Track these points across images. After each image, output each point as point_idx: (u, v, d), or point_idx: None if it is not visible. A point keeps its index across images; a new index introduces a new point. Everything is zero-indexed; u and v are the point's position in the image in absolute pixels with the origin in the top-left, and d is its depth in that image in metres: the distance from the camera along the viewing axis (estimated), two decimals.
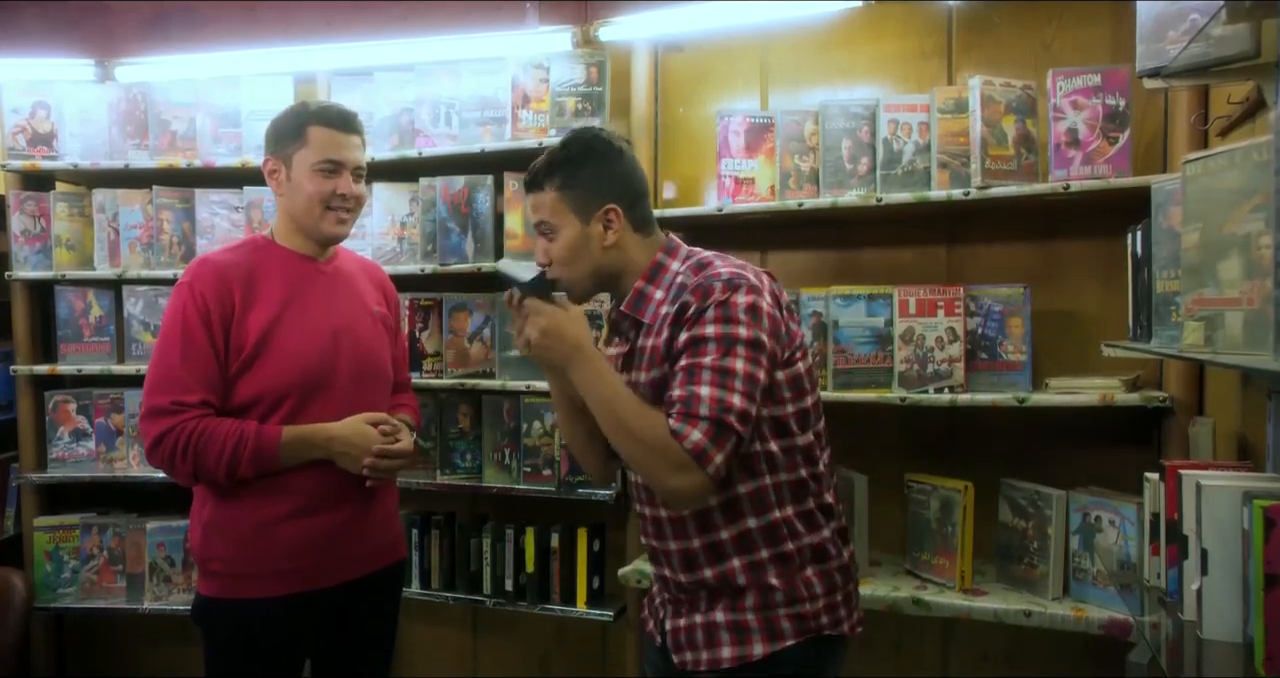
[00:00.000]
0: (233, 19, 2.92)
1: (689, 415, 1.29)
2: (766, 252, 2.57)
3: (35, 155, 2.79)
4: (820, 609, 1.44)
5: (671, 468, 1.29)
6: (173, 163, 2.74)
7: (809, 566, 1.44)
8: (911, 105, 2.20)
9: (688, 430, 1.28)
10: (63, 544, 2.82)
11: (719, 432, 1.28)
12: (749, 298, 1.35)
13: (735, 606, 1.43)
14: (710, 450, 1.28)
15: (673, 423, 1.29)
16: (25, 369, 2.80)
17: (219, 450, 1.68)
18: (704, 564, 1.45)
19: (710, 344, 1.32)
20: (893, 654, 2.45)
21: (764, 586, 1.42)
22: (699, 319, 1.34)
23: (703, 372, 1.31)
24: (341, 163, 1.81)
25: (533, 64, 2.53)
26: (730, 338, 1.32)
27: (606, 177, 1.47)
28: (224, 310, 1.74)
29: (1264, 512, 1.17)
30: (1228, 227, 1.23)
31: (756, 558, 1.42)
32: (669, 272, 1.47)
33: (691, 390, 1.30)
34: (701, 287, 1.37)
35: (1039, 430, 2.25)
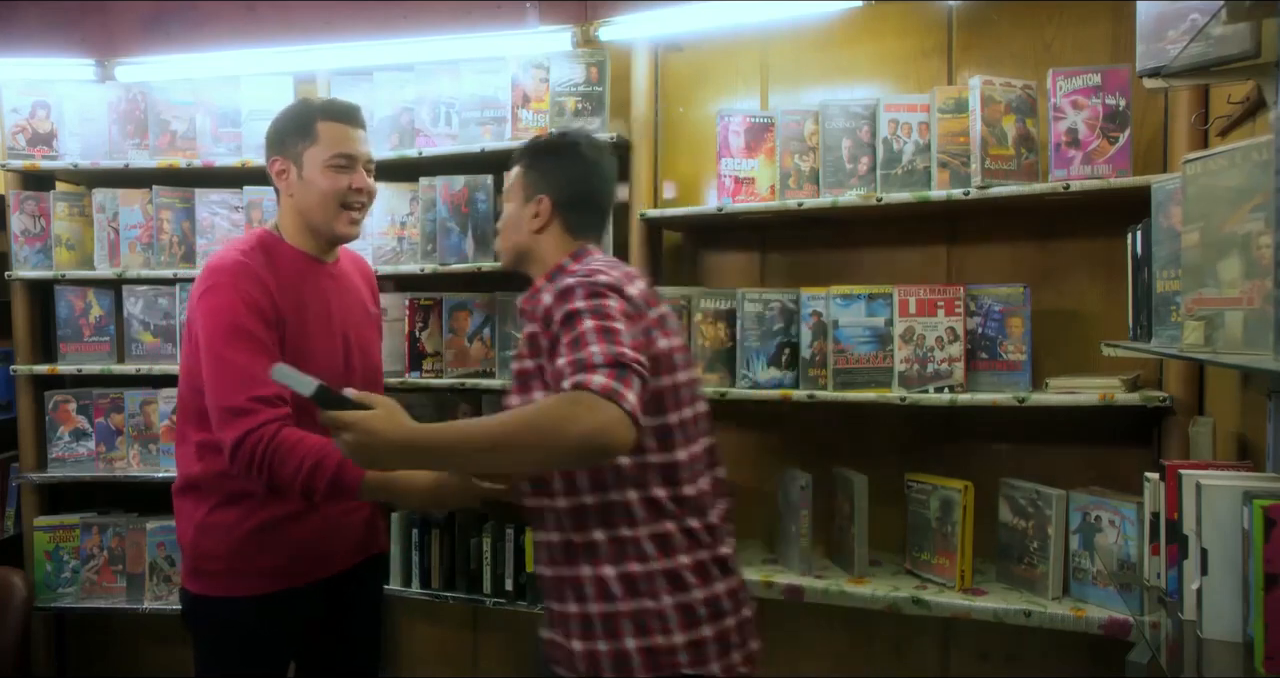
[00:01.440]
0: (233, 19, 2.92)
1: (585, 368, 1.25)
2: (766, 252, 2.57)
3: (35, 155, 2.79)
4: (678, 645, 1.36)
5: (585, 411, 1.20)
6: (173, 163, 2.74)
7: (663, 594, 1.37)
8: (911, 105, 2.20)
9: (588, 378, 1.23)
10: (63, 544, 2.82)
11: (620, 371, 1.24)
12: (609, 278, 1.40)
13: (587, 633, 1.39)
14: (619, 388, 1.22)
15: (568, 384, 1.24)
16: (25, 369, 2.80)
17: (294, 470, 1.57)
18: (561, 562, 1.43)
19: (584, 315, 1.32)
20: (893, 654, 2.45)
21: (610, 612, 1.38)
22: (566, 299, 1.35)
23: (586, 335, 1.29)
24: (355, 156, 1.78)
25: (533, 64, 2.53)
26: (601, 307, 1.33)
27: (557, 173, 1.58)
28: (267, 309, 1.68)
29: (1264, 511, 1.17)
30: (1228, 226, 1.24)
31: (601, 573, 1.38)
32: (566, 272, 1.51)
33: (579, 354, 1.27)
34: (558, 284, 1.42)
35: (1039, 430, 2.26)
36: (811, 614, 2.41)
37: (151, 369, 2.74)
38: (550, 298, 1.38)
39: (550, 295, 1.39)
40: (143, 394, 2.78)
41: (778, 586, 2.23)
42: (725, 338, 2.34)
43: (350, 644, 1.92)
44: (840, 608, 2.22)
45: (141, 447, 2.78)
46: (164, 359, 2.77)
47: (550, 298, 1.38)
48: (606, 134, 2.44)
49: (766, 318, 2.28)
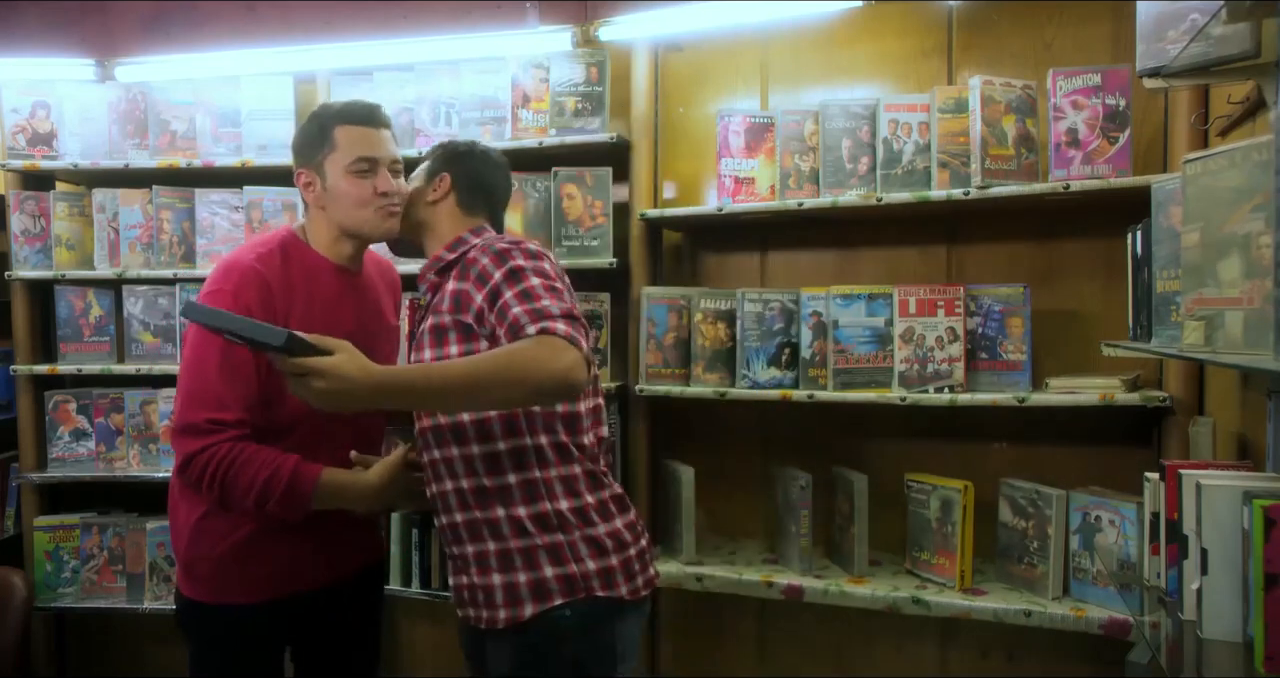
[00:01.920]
0: (233, 19, 2.92)
1: (543, 317, 1.39)
2: (766, 251, 2.57)
3: (35, 155, 2.79)
4: (590, 572, 1.51)
5: (553, 353, 1.35)
6: (173, 163, 2.74)
7: (573, 529, 1.52)
8: (911, 105, 2.20)
9: (551, 325, 1.38)
10: (63, 544, 2.82)
11: (573, 322, 1.41)
12: (535, 247, 1.56)
13: (505, 566, 1.52)
14: (577, 337, 1.38)
15: (530, 329, 1.38)
16: (25, 369, 2.80)
17: (249, 482, 1.56)
18: (474, 506, 1.54)
19: (528, 273, 1.47)
20: (893, 654, 2.45)
21: (526, 546, 1.51)
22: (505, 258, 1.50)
23: (535, 290, 1.44)
24: (376, 159, 1.70)
25: (533, 64, 2.53)
26: (541, 268, 1.49)
27: (458, 160, 1.74)
28: (269, 312, 1.62)
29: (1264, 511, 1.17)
30: (1228, 226, 1.24)
31: (515, 513, 1.51)
32: (466, 244, 1.63)
33: (534, 305, 1.41)
34: (488, 246, 1.54)
35: (1039, 430, 2.26)
36: (811, 614, 2.41)
37: (151, 369, 2.74)
38: (487, 259, 1.51)
39: (486, 257, 1.51)
40: (143, 394, 2.78)
41: (778, 585, 2.23)
42: (725, 338, 2.34)
43: (347, 653, 1.91)
44: (840, 608, 2.22)
45: (141, 447, 2.78)
46: (164, 359, 2.76)
47: (487, 259, 1.51)
48: (606, 134, 2.44)
49: (766, 318, 2.28)
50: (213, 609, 1.73)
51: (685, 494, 2.37)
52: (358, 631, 1.92)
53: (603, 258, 2.44)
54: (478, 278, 1.51)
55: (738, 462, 2.59)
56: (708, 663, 2.62)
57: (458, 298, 1.53)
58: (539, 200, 2.53)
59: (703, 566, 2.33)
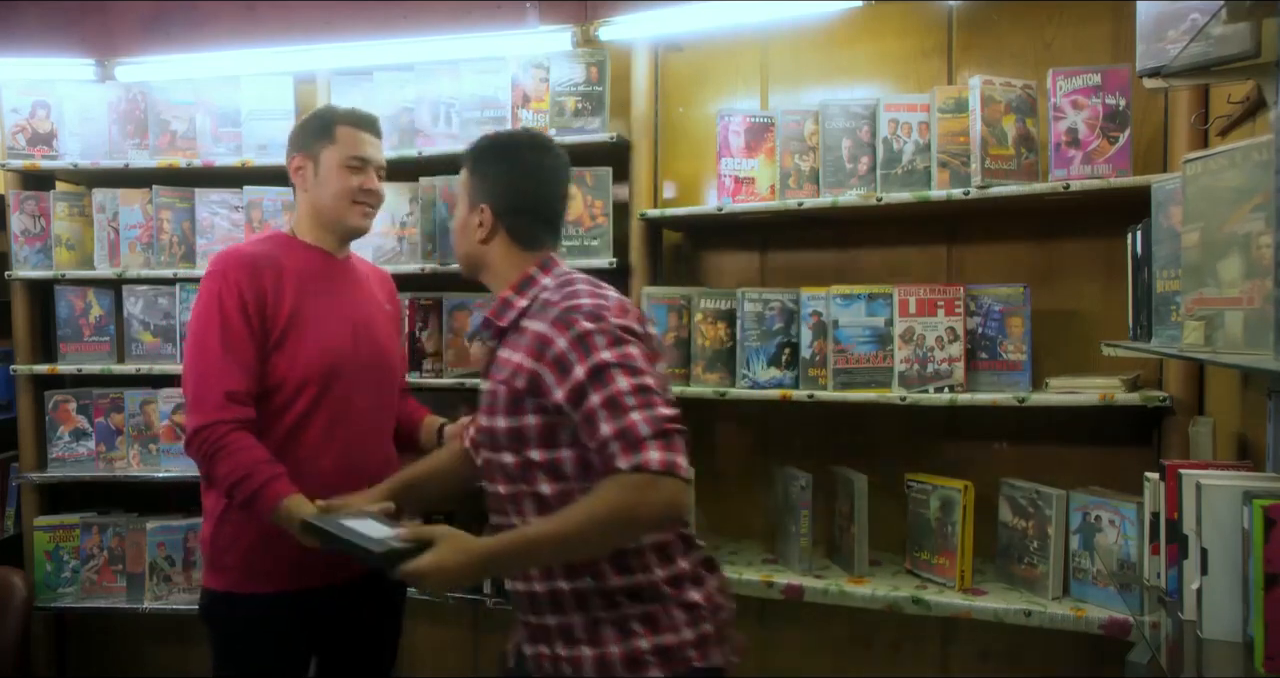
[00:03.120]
0: (233, 19, 2.92)
1: (634, 444, 1.27)
2: (766, 251, 2.57)
3: (35, 155, 2.79)
4: (688, 641, 1.39)
5: (652, 494, 1.26)
6: (173, 162, 2.74)
7: (668, 597, 1.41)
8: (911, 105, 2.20)
9: (645, 458, 1.26)
10: (63, 544, 2.82)
11: (667, 440, 1.28)
12: (620, 319, 1.37)
13: (595, 638, 1.40)
14: (674, 458, 1.27)
15: (622, 463, 1.26)
16: (25, 369, 2.80)
17: (228, 472, 1.69)
18: (559, 576, 1.42)
19: (614, 370, 1.31)
20: (893, 654, 2.45)
21: (619, 617, 1.39)
22: (586, 348, 1.33)
23: (622, 398, 1.29)
24: (368, 160, 1.89)
25: (533, 64, 2.53)
26: (628, 358, 1.33)
27: (498, 179, 1.53)
28: (258, 296, 1.77)
29: (1264, 511, 1.17)
30: (1228, 226, 1.24)
31: (606, 585, 1.40)
32: (537, 284, 1.49)
33: (621, 423, 1.28)
34: (563, 319, 1.37)
35: (1039, 430, 2.26)
36: (811, 614, 2.41)
37: (151, 369, 2.74)
38: (564, 341, 1.35)
39: (563, 337, 1.35)
40: (143, 394, 2.78)
41: (778, 585, 2.23)
42: (725, 338, 2.34)
43: (367, 650, 1.94)
44: (840, 608, 2.21)
45: (141, 447, 2.78)
46: (164, 359, 2.76)
47: (564, 341, 1.35)
48: (606, 134, 2.44)
49: (766, 318, 2.28)
50: (236, 599, 1.80)
51: None
52: (378, 628, 1.94)
53: (603, 258, 2.44)
54: (556, 364, 1.35)
55: (738, 462, 2.59)
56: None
57: (533, 380, 1.38)
58: None
59: None
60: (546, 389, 1.36)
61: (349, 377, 1.84)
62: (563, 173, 1.58)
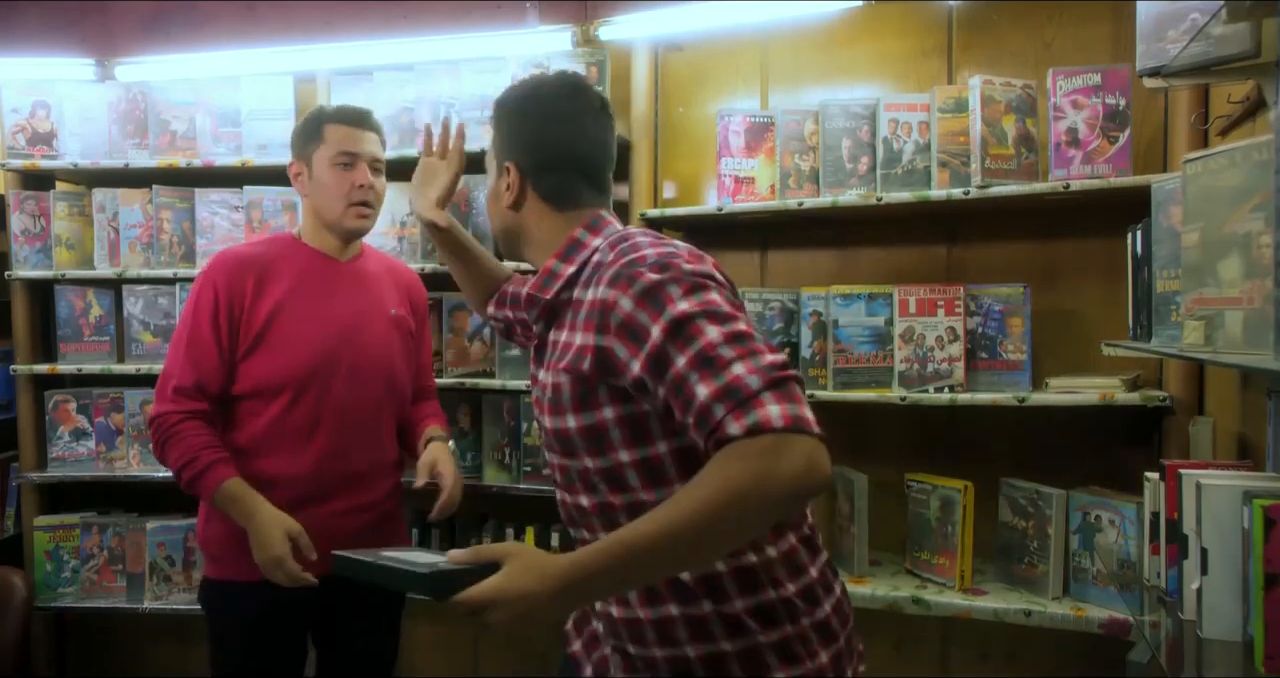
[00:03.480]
0: (233, 19, 2.92)
1: (745, 402, 1.00)
2: (766, 251, 2.57)
3: (35, 155, 2.79)
4: (825, 665, 1.18)
5: (781, 459, 0.98)
6: (173, 162, 2.73)
7: (804, 616, 1.18)
8: (912, 104, 2.20)
9: (761, 415, 0.98)
10: (63, 544, 2.82)
11: (785, 389, 1.02)
12: (695, 264, 1.13)
13: (718, 672, 1.16)
14: (799, 411, 1.00)
15: (734, 428, 0.99)
16: (25, 368, 2.80)
17: (177, 458, 1.77)
18: (668, 599, 1.17)
19: (700, 321, 1.06)
20: (893, 654, 2.45)
21: (748, 647, 1.16)
22: (658, 301, 1.08)
23: (717, 350, 1.03)
24: (357, 154, 1.89)
25: (533, 63, 2.53)
26: (711, 305, 1.07)
27: (520, 132, 1.30)
28: (234, 299, 1.80)
29: (1264, 511, 1.17)
30: (1228, 226, 1.24)
31: (728, 609, 1.15)
32: (586, 248, 1.24)
33: (724, 380, 1.01)
34: (623, 276, 1.12)
35: (1039, 430, 2.25)
36: None
37: (152, 369, 2.73)
38: (629, 301, 1.09)
39: (627, 297, 1.10)
40: (143, 394, 2.78)
41: None
42: None
43: (363, 648, 1.94)
44: None
45: (141, 446, 2.78)
46: (164, 359, 2.76)
47: (629, 301, 1.09)
48: None
49: (766, 318, 2.28)
50: (229, 586, 1.83)
51: None
52: (376, 620, 1.95)
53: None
54: (624, 330, 1.10)
55: None
56: None
57: (601, 358, 1.12)
58: None
59: None
60: (621, 366, 1.10)
61: (332, 380, 1.84)
62: (601, 117, 1.31)
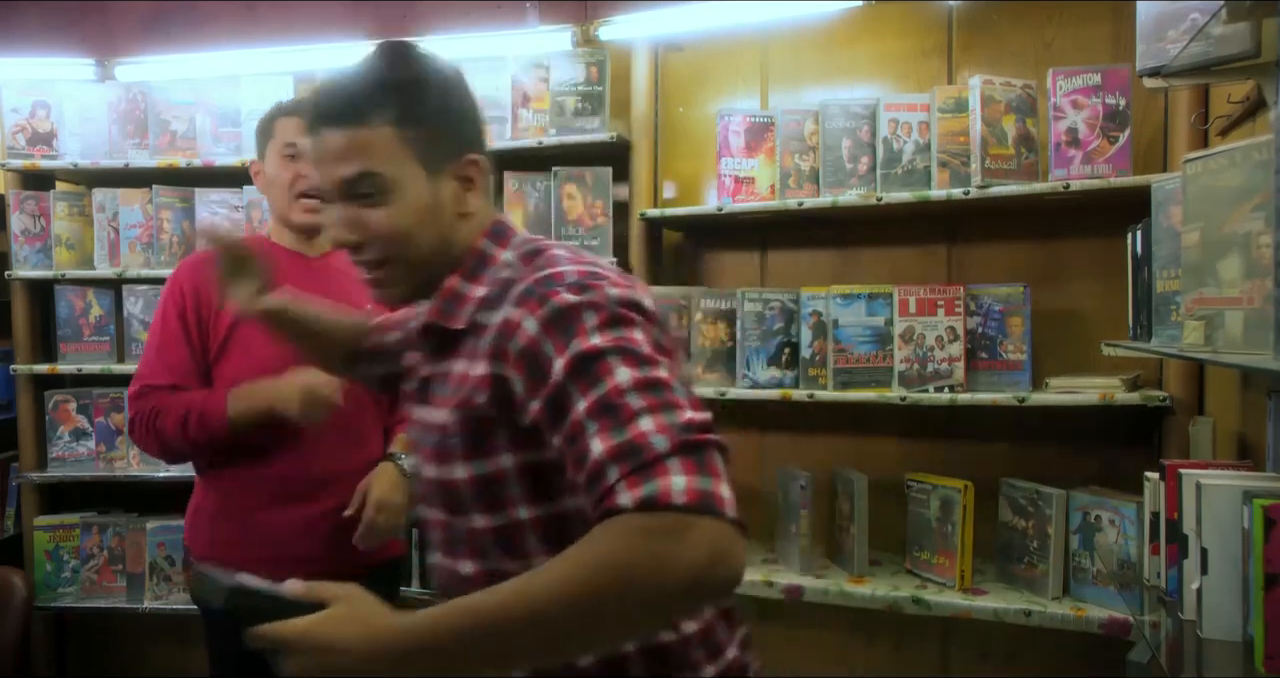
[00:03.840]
0: (233, 19, 2.92)
1: (644, 468, 0.80)
2: (766, 251, 2.57)
3: (35, 155, 2.79)
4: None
5: (677, 544, 0.77)
6: (173, 162, 2.73)
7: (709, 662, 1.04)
8: (912, 104, 2.20)
9: (661, 485, 0.78)
10: (63, 544, 2.82)
11: (698, 457, 0.81)
12: (621, 290, 0.92)
13: None
14: (708, 485, 0.79)
15: (625, 497, 0.79)
16: (25, 368, 2.80)
17: (175, 420, 1.71)
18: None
19: (611, 358, 0.86)
20: (893, 654, 2.45)
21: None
22: (567, 329, 0.89)
23: (624, 398, 0.84)
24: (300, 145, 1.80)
25: (533, 63, 2.53)
26: (628, 343, 0.88)
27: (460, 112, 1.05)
28: (201, 301, 1.77)
29: (1264, 511, 1.17)
30: (1228, 226, 1.24)
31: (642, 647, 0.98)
32: (495, 263, 1.03)
33: (625, 435, 0.82)
34: (535, 294, 0.92)
35: (1039, 430, 2.25)
36: (811, 614, 2.41)
37: None
38: (535, 324, 0.91)
39: (533, 317, 0.91)
40: None
41: (778, 585, 2.23)
42: (725, 338, 2.34)
43: None
44: (840, 608, 2.21)
45: None
46: None
47: (535, 324, 0.91)
48: (606, 134, 2.44)
49: (766, 318, 2.28)
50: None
51: None
52: None
53: (603, 258, 2.44)
54: (526, 361, 0.91)
55: (737, 462, 2.58)
56: None
57: (497, 391, 0.94)
58: (539, 200, 2.53)
59: None
60: (518, 401, 0.92)
61: None
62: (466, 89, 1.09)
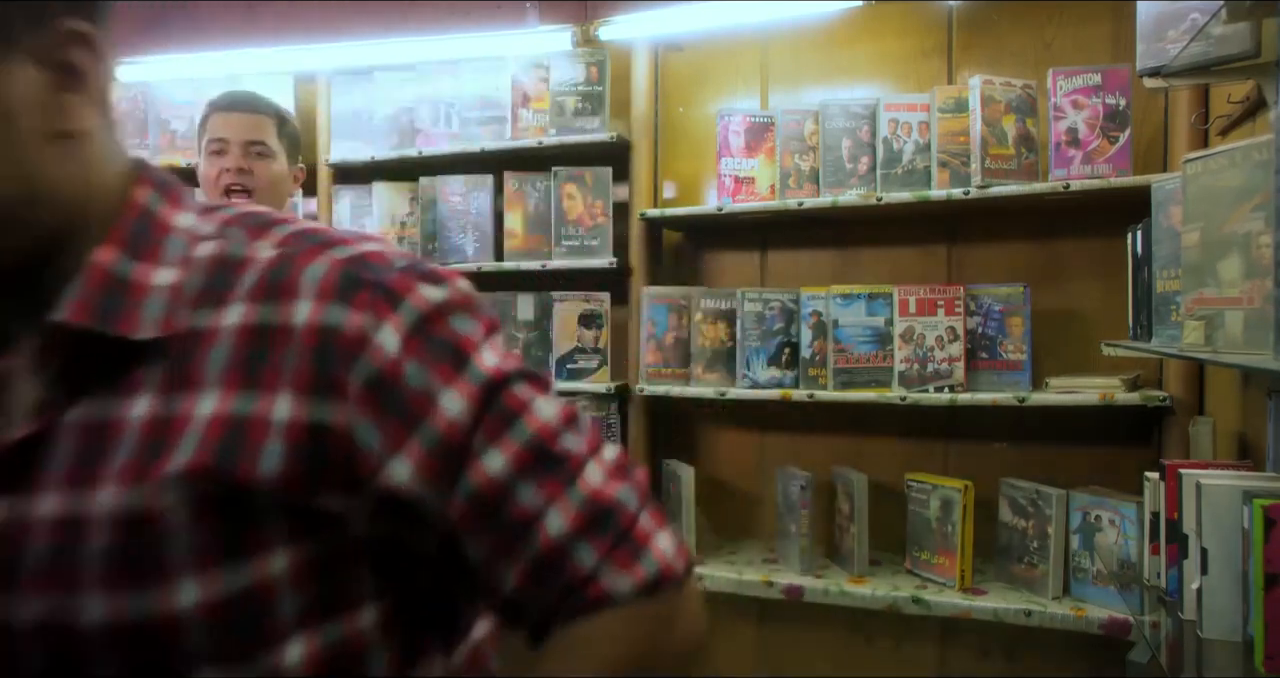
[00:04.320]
0: (233, 19, 2.92)
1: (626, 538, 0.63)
2: (766, 251, 2.57)
3: None
4: None
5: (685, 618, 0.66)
6: (173, 162, 2.73)
7: None
8: (912, 104, 2.20)
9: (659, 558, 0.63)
10: None
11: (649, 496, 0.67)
12: (464, 281, 0.66)
13: None
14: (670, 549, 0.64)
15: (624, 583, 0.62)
16: None
17: None
18: None
19: (519, 386, 0.63)
20: (893, 654, 2.45)
21: None
22: (454, 355, 0.61)
23: (561, 443, 0.63)
24: (227, 139, 1.77)
25: (533, 63, 2.53)
26: (518, 358, 0.66)
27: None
28: None
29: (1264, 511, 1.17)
30: (1228, 226, 1.24)
31: None
32: (174, 231, 0.64)
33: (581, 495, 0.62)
34: (369, 285, 0.61)
35: (1039, 430, 2.25)
36: (811, 614, 2.41)
37: None
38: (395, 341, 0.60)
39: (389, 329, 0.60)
40: None
41: (778, 585, 2.23)
42: (725, 338, 2.34)
43: None
44: (840, 608, 2.21)
45: None
46: None
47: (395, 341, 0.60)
48: (606, 134, 2.44)
49: (766, 318, 2.28)
50: None
51: (685, 494, 2.36)
52: None
53: (603, 258, 2.44)
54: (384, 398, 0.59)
55: (738, 462, 2.59)
56: (708, 663, 2.62)
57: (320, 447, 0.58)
58: (539, 200, 2.54)
59: (703, 565, 2.33)
60: (364, 462, 0.59)
61: None
62: None
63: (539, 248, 2.53)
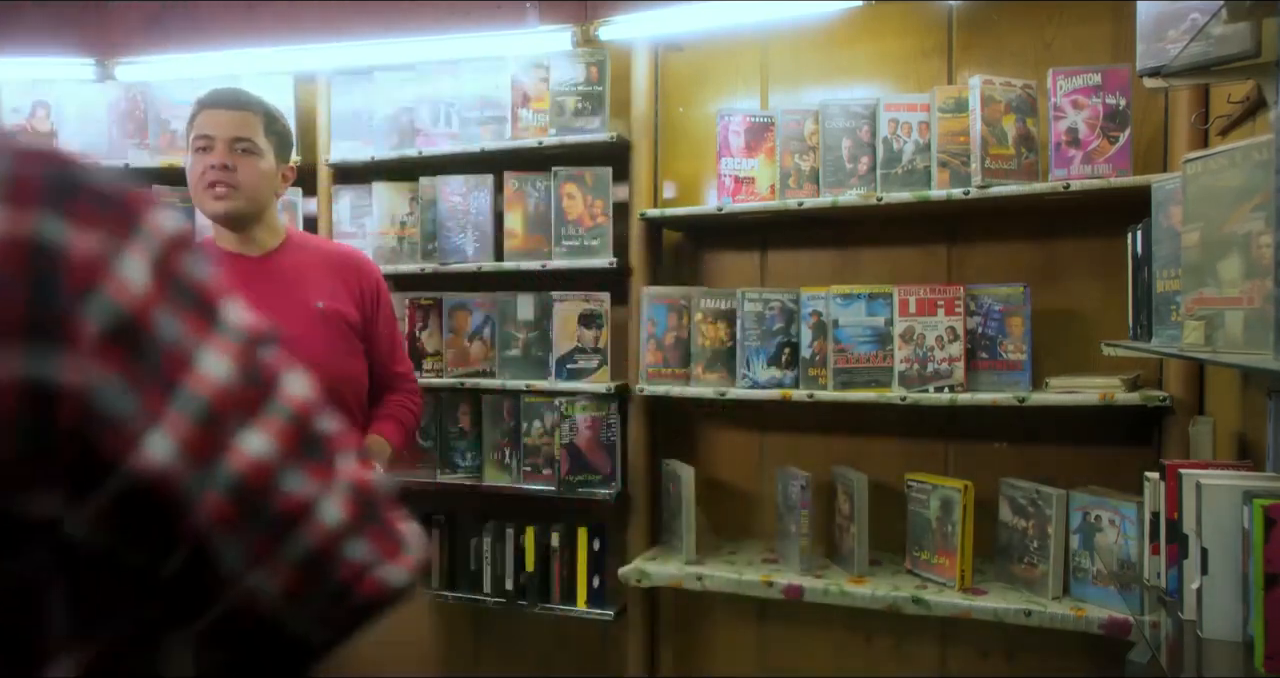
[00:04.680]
0: (233, 18, 2.92)
1: (375, 516, 0.55)
2: (766, 251, 2.57)
3: None
4: None
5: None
6: (173, 162, 2.73)
7: None
8: (912, 104, 2.20)
9: (388, 544, 0.54)
10: None
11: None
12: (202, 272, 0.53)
13: None
14: (415, 529, 0.58)
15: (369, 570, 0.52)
16: None
17: None
18: None
19: (268, 348, 0.56)
20: (893, 654, 2.45)
21: None
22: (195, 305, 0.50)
23: (313, 419, 0.54)
24: (212, 136, 1.78)
25: (533, 63, 2.53)
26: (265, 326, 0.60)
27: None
28: None
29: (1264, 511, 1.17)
30: (1228, 226, 1.24)
31: None
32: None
33: (339, 475, 0.53)
34: (99, 196, 0.47)
35: (1039, 430, 2.26)
36: (811, 614, 2.41)
37: None
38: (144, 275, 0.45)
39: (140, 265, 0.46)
40: None
41: (778, 585, 2.23)
42: (725, 338, 2.34)
43: None
44: (840, 608, 2.21)
45: None
46: None
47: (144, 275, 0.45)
48: (606, 134, 2.44)
49: (766, 318, 2.28)
50: None
51: (685, 494, 2.36)
52: None
53: (603, 258, 2.44)
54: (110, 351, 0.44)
55: (738, 462, 2.59)
56: (708, 663, 2.62)
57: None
58: (539, 200, 2.54)
59: (703, 565, 2.33)
60: (105, 436, 0.45)
61: None
62: None
63: (539, 248, 2.53)
